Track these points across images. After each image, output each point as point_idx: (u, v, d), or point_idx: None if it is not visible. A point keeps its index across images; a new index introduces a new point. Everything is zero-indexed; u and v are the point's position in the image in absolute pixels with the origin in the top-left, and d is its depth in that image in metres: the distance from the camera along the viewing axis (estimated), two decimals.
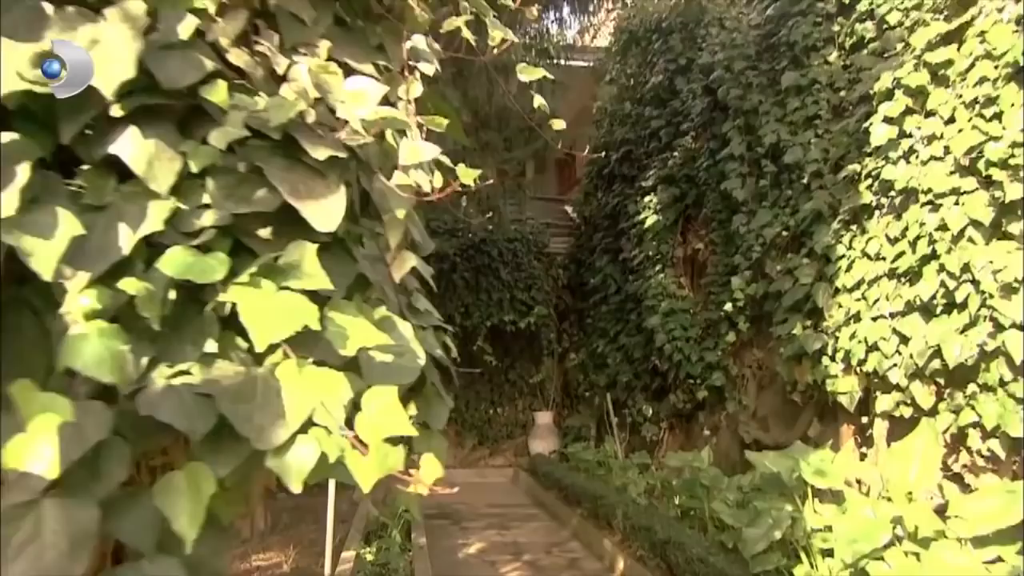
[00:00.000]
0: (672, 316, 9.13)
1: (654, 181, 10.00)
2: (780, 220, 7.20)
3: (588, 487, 9.09)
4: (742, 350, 8.27)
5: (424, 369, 1.60)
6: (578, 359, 12.65)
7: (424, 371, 1.63)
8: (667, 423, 9.87)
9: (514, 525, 9.63)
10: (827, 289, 6.35)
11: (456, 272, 12.37)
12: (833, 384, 6.21)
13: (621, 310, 10.96)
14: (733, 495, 6.42)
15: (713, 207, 8.64)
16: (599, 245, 11.83)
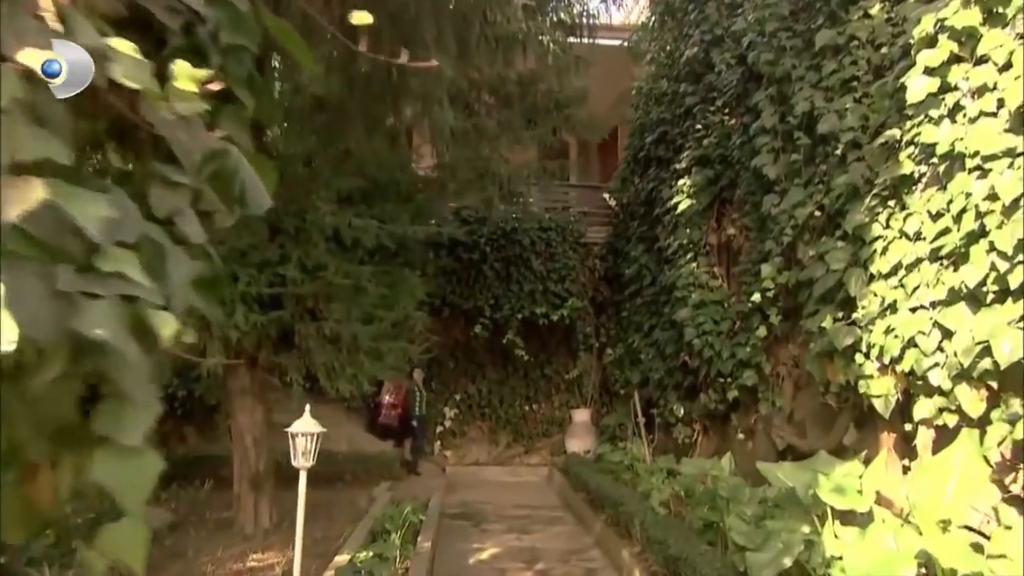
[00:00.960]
0: (703, 308, 8.23)
1: (688, 163, 9.10)
2: (813, 199, 6.25)
3: (612, 491, 8.31)
4: (776, 346, 7.32)
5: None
6: (615, 355, 11.82)
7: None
8: (700, 424, 8.96)
9: (536, 529, 8.92)
10: (861, 276, 5.38)
11: (486, 262, 11.72)
12: (867, 386, 5.25)
13: (655, 303, 10.09)
14: (753, 509, 5.54)
15: (747, 188, 7.70)
16: (635, 234, 10.97)
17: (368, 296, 7.57)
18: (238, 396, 7.95)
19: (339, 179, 7.05)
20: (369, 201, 7.61)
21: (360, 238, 7.21)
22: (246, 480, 7.92)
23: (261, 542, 7.68)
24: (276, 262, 6.98)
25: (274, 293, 7.00)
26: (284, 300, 7.30)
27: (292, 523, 8.38)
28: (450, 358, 12.65)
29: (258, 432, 8.03)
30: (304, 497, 5.43)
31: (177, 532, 8.07)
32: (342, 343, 7.64)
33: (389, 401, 11.80)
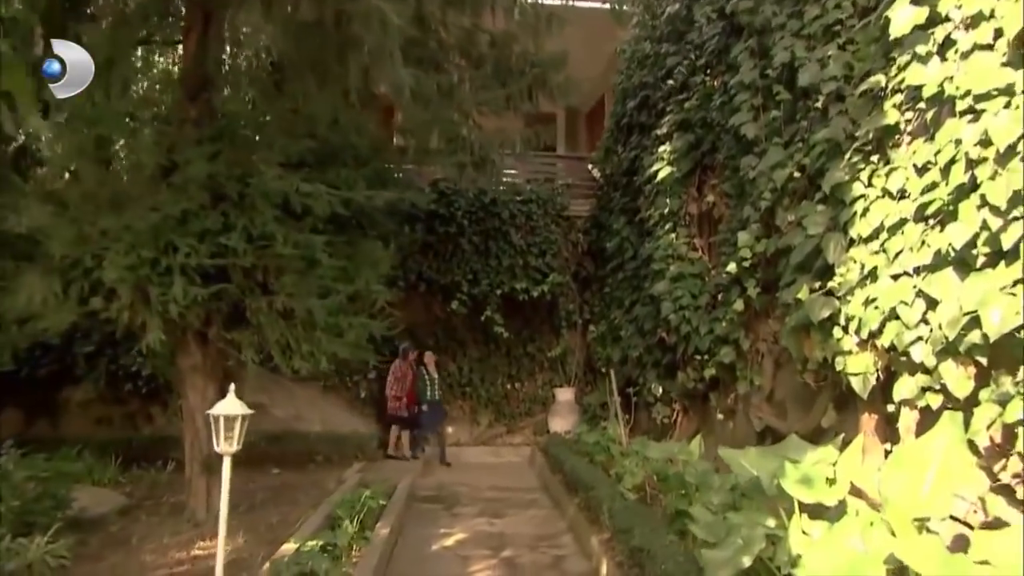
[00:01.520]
0: (681, 282, 7.65)
1: (669, 128, 8.48)
2: (793, 159, 5.63)
3: (584, 474, 7.79)
4: (755, 321, 6.74)
5: None
6: (597, 332, 11.26)
7: None
8: (680, 404, 8.41)
9: (510, 512, 8.42)
10: (839, 240, 4.78)
11: (463, 236, 11.13)
12: (844, 363, 4.67)
13: (636, 277, 9.50)
14: (721, 498, 4.98)
15: (727, 152, 7.09)
16: (617, 205, 10.37)
17: (322, 268, 7.01)
18: (189, 374, 7.43)
19: (286, 141, 6.47)
20: (322, 166, 7.03)
21: (311, 206, 6.63)
22: (198, 463, 7.42)
23: (212, 528, 7.18)
24: (219, 231, 6.43)
25: (217, 265, 6.46)
26: (230, 272, 6.76)
27: (248, 508, 7.94)
28: (430, 336, 12.11)
29: None
30: (228, 486, 4.90)
31: (128, 517, 7.60)
32: (296, 319, 7.10)
33: (393, 393, 11.08)
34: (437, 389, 11.12)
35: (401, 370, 11.10)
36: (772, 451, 4.20)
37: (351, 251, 7.71)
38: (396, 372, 11.09)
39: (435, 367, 11.25)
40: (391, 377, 11.07)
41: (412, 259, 11.13)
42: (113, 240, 6.12)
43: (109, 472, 9.19)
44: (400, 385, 11.05)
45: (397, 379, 11.06)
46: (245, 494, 8.67)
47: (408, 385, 11.06)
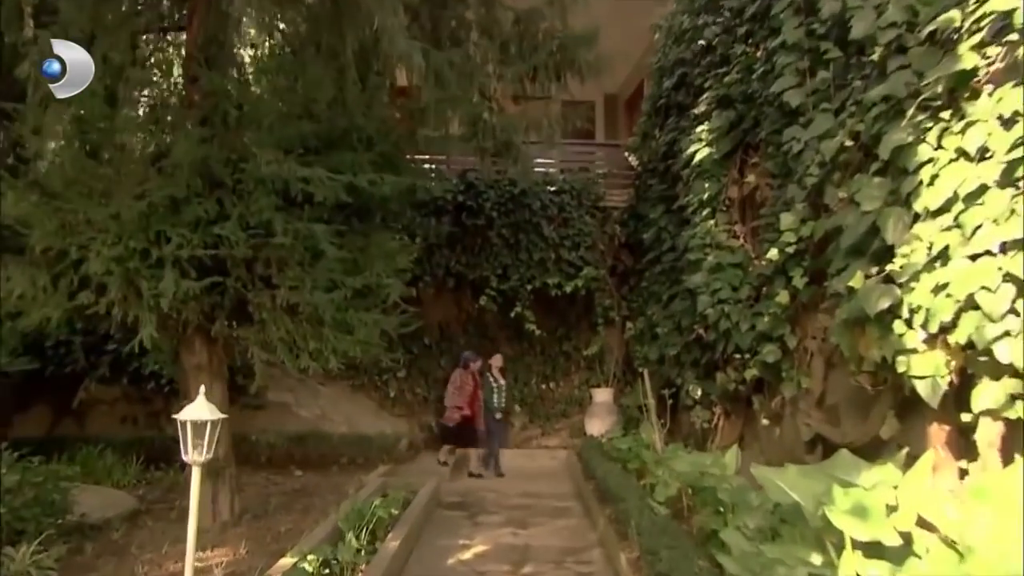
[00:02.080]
0: (719, 273, 6.80)
1: (707, 105, 7.63)
2: (845, 127, 4.75)
3: (615, 484, 7.04)
4: (802, 315, 5.86)
5: None
6: (635, 329, 10.43)
7: None
8: (720, 407, 7.55)
9: (537, 522, 7.71)
10: (901, 216, 3.91)
11: (492, 228, 10.44)
12: (908, 363, 3.81)
13: (673, 270, 8.66)
14: (759, 520, 4.17)
15: (770, 126, 6.22)
16: (654, 194, 9.53)
17: (328, 260, 6.42)
18: (194, 373, 6.94)
19: (282, 122, 5.89)
20: (327, 150, 6.43)
21: (312, 192, 6.03)
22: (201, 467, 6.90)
23: (217, 536, 6.68)
24: (213, 220, 5.89)
25: (215, 256, 5.92)
26: (229, 265, 6.23)
27: (256, 515, 7.40)
28: (461, 333, 11.47)
29: None
30: (196, 498, 4.31)
31: (134, 522, 7.16)
32: (302, 314, 6.54)
33: (453, 403, 9.81)
34: (504, 396, 10.09)
35: (461, 379, 9.89)
36: (817, 470, 3.39)
37: (363, 243, 7.11)
38: (455, 382, 9.91)
39: (502, 372, 10.23)
40: (450, 387, 9.94)
41: (439, 253, 10.50)
42: (99, 230, 5.64)
43: (129, 473, 8.85)
44: (460, 396, 9.80)
45: (457, 389, 9.84)
46: (261, 498, 8.19)
47: (469, 397, 9.81)
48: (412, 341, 11.24)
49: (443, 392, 11.08)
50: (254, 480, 9.15)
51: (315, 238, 6.17)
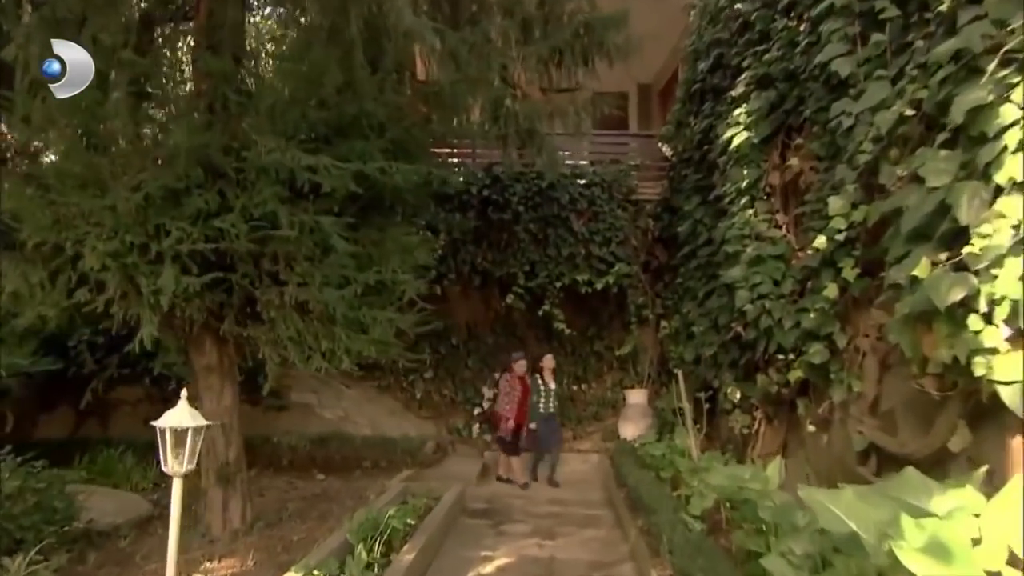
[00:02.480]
0: (759, 265, 6.16)
1: (746, 87, 7.00)
2: (904, 94, 4.11)
3: (646, 493, 6.48)
4: (854, 311, 5.21)
5: None
6: (670, 328, 9.80)
7: None
8: (762, 412, 6.91)
9: (565, 531, 7.18)
10: (978, 191, 3.27)
11: (519, 223, 9.92)
12: (986, 364, 3.17)
13: (709, 264, 8.03)
14: (805, 546, 3.57)
15: (815, 103, 5.57)
16: (690, 185, 8.90)
17: (338, 255, 5.98)
18: (203, 374, 6.57)
19: (284, 107, 5.46)
20: (337, 138, 5.99)
21: (319, 182, 5.59)
22: (213, 473, 6.55)
23: (226, 546, 6.31)
24: (214, 212, 5.49)
25: (212, 250, 5.52)
26: (235, 260, 5.83)
27: (270, 523, 6.99)
28: (489, 333, 10.98)
29: (227, 417, 6.63)
30: (178, 515, 3.89)
31: (144, 529, 6.83)
32: (312, 312, 6.11)
33: (503, 411, 9.08)
34: (553, 400, 9.14)
35: (509, 383, 9.11)
36: (878, 493, 2.79)
37: (378, 237, 6.66)
38: (503, 387, 9.18)
39: (553, 374, 9.34)
40: (501, 393, 9.24)
41: (464, 250, 10.02)
42: (94, 223, 5.28)
43: (149, 476, 8.56)
44: (510, 403, 9.02)
45: (506, 394, 9.11)
46: (278, 503, 7.81)
47: (516, 402, 9.00)
48: (439, 341, 10.80)
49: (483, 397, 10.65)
50: (275, 484, 8.79)
51: (324, 231, 5.73)
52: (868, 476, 5.14)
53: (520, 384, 9.08)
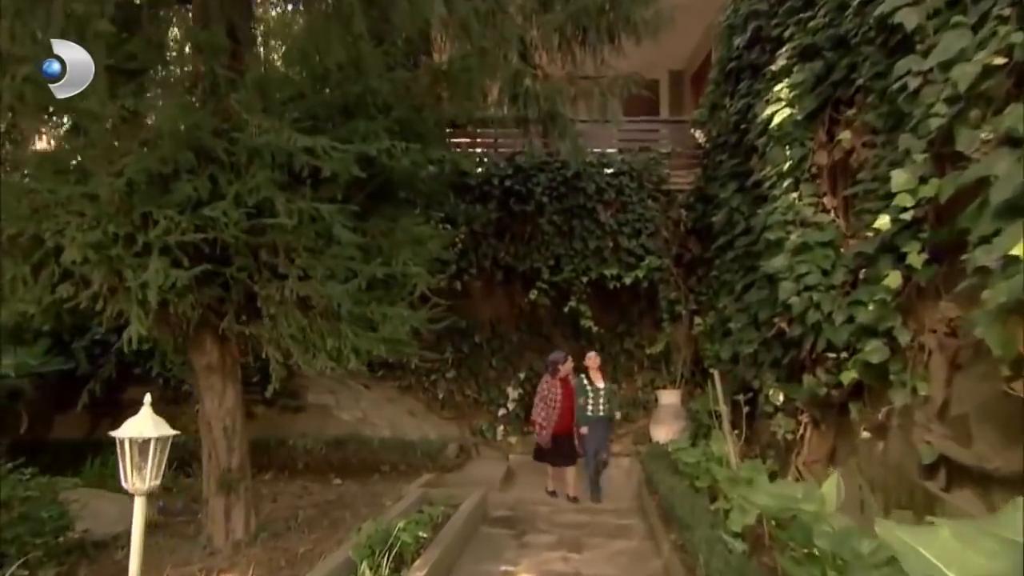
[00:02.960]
0: (805, 254, 5.45)
1: (787, 59, 6.28)
2: (987, 43, 3.41)
3: (680, 504, 5.81)
4: (919, 303, 4.49)
5: None
6: (704, 324, 9.09)
7: None
8: (808, 416, 6.19)
9: (593, 543, 6.58)
10: None
11: (543, 215, 9.29)
12: None
13: (748, 255, 7.33)
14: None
15: (870, 70, 4.85)
16: (725, 171, 8.18)
17: (342, 246, 5.44)
18: (204, 374, 6.09)
19: (279, 83, 4.93)
20: (339, 117, 5.45)
21: (320, 166, 5.05)
22: (214, 480, 6.06)
23: (227, 558, 5.81)
24: (205, 199, 4.98)
25: (204, 241, 5.01)
26: (230, 252, 5.32)
27: (276, 533, 6.47)
28: (514, 330, 10.37)
29: (230, 420, 6.14)
30: (140, 538, 3.37)
31: (146, 537, 6.38)
32: (316, 308, 5.58)
33: (536, 419, 8.04)
34: (603, 402, 7.87)
35: (548, 387, 7.98)
36: (984, 534, 2.12)
37: (387, 227, 6.10)
38: (541, 390, 8.05)
39: (601, 372, 8.17)
40: (536, 398, 8.13)
41: (485, 243, 9.43)
42: (74, 213, 4.81)
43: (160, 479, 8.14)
44: (544, 408, 7.93)
45: (542, 398, 7.98)
46: (289, 510, 7.31)
47: (558, 406, 7.88)
48: (461, 339, 10.25)
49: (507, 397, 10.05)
50: (289, 489, 8.31)
51: (326, 220, 5.18)
52: (935, 491, 4.43)
53: (562, 386, 7.97)
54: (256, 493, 8.09)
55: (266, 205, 5.05)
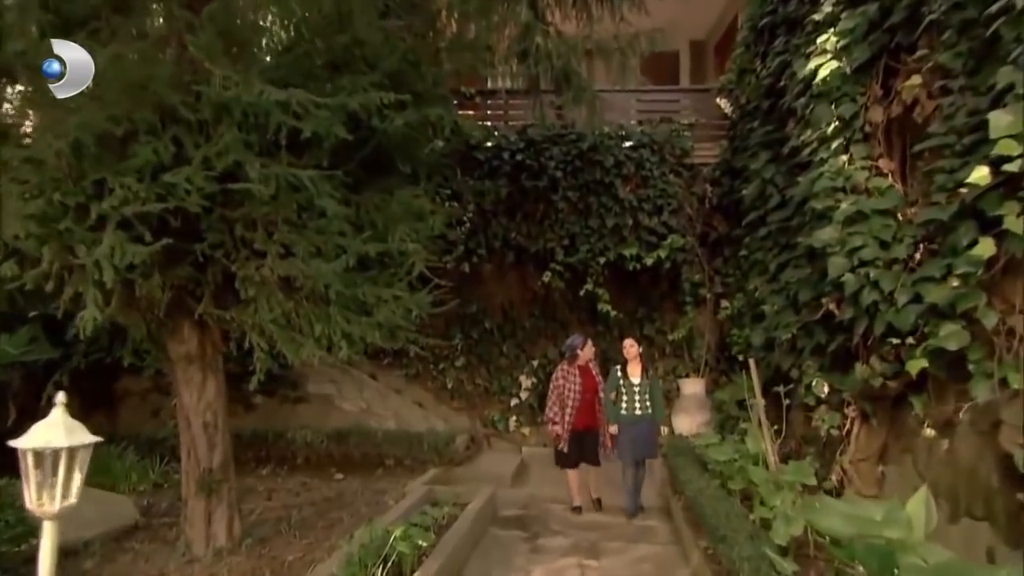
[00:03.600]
0: (861, 224, 4.63)
1: (833, 6, 5.43)
2: None
3: (711, 511, 5.04)
4: (1010, 279, 3.66)
5: None
6: (732, 308, 8.27)
7: None
8: (856, 409, 5.38)
9: (612, 548, 5.85)
10: None
11: (557, 192, 8.49)
12: None
13: (784, 231, 6.50)
14: None
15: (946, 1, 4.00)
16: (756, 140, 7.33)
17: (328, 220, 4.70)
18: (182, 365, 5.39)
19: (248, 30, 4.17)
20: (321, 72, 4.68)
21: (299, 128, 4.30)
22: (193, 481, 5.37)
23: (207, 568, 5.12)
24: (169, 164, 4.24)
25: (171, 213, 4.29)
26: (203, 226, 4.60)
27: (263, 538, 5.72)
28: (527, 315, 9.60)
29: (210, 415, 5.44)
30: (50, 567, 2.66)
31: (120, 543, 5.70)
32: (301, 290, 4.86)
33: (549, 416, 6.66)
34: (639, 398, 6.38)
35: (564, 377, 6.55)
36: None
37: (381, 200, 5.35)
38: (556, 381, 6.60)
39: (639, 363, 6.58)
40: (550, 390, 6.70)
41: (496, 222, 8.66)
42: (16, 180, 4.10)
43: (151, 475, 7.52)
44: (558, 401, 6.54)
45: (556, 390, 6.56)
46: (284, 509, 6.62)
47: (577, 399, 6.47)
48: (471, 325, 9.50)
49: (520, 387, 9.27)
50: (286, 485, 7.62)
51: (308, 190, 4.44)
52: None
53: (582, 375, 6.55)
54: (251, 489, 7.44)
55: (238, 171, 4.32)
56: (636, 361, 6.59)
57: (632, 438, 6.36)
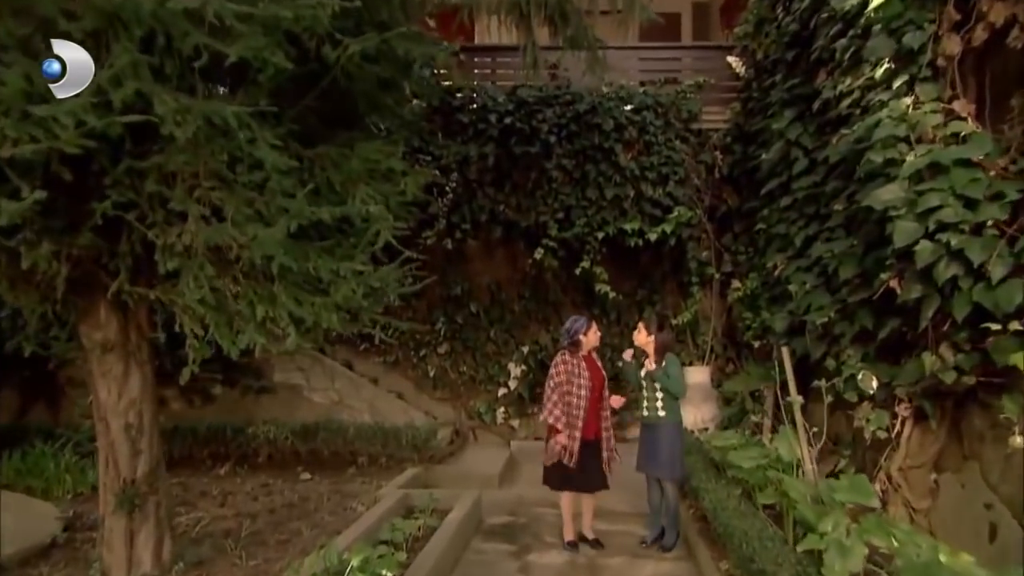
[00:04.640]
0: (937, 179, 3.57)
1: None
2: None
3: (740, 530, 4.05)
4: None
5: None
6: (745, 289, 7.25)
7: None
8: (910, 407, 4.36)
9: (615, 566, 4.85)
10: None
11: (550, 159, 7.40)
12: None
13: (813, 198, 5.46)
14: None
15: None
16: (777, 98, 6.26)
17: (268, 174, 3.60)
18: (98, 355, 4.29)
19: None
20: None
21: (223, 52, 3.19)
22: (111, 494, 4.29)
23: None
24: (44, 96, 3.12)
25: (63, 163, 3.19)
26: (107, 180, 3.50)
27: (197, 562, 4.60)
28: (516, 297, 8.54)
29: (134, 415, 4.34)
30: None
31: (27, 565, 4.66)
32: (238, 263, 3.77)
33: (550, 418, 4.71)
34: (661, 399, 4.83)
35: (565, 369, 4.69)
36: None
37: (339, 156, 4.24)
38: (556, 375, 4.71)
39: (659, 354, 4.85)
40: (549, 387, 4.78)
41: (481, 193, 7.57)
42: None
43: (90, 477, 6.43)
44: (560, 400, 4.67)
45: (557, 387, 4.68)
46: (237, 519, 5.57)
47: (585, 398, 4.66)
48: (456, 308, 8.44)
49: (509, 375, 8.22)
50: (244, 487, 6.58)
51: (238, 136, 3.34)
52: None
53: (589, 366, 4.78)
54: (204, 493, 6.39)
55: (148, 109, 3.20)
56: (655, 344, 4.88)
57: (646, 450, 4.87)
